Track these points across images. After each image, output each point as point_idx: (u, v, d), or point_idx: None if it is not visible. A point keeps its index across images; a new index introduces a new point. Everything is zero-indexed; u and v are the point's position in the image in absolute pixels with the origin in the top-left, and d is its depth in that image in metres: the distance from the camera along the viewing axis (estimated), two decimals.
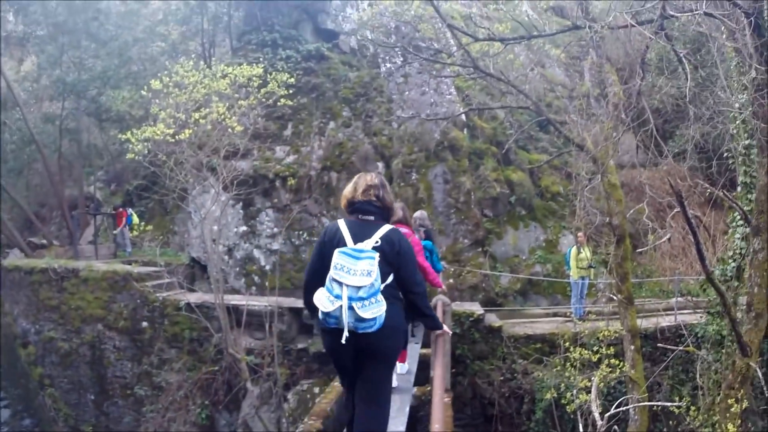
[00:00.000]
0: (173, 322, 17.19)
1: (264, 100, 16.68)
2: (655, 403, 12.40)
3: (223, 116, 15.12)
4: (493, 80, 19.97)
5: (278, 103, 17.14)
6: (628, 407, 11.02)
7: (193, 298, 17.46)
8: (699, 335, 13.80)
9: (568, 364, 11.78)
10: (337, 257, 4.60)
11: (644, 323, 14.78)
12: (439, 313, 7.28)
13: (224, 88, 15.57)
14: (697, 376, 12.37)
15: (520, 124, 21.20)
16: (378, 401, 4.97)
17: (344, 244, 4.77)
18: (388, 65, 20.30)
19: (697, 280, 19.14)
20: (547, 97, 23.64)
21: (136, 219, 22.49)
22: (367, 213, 5.07)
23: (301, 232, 18.78)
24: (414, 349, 8.85)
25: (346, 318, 4.45)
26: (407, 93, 19.56)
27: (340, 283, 4.51)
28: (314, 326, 15.71)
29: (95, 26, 23.08)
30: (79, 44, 23.65)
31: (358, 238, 4.81)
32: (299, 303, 16.38)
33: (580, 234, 15.97)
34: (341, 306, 4.46)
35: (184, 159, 15.33)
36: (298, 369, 15.88)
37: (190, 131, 14.77)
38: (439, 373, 5.40)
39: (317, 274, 4.87)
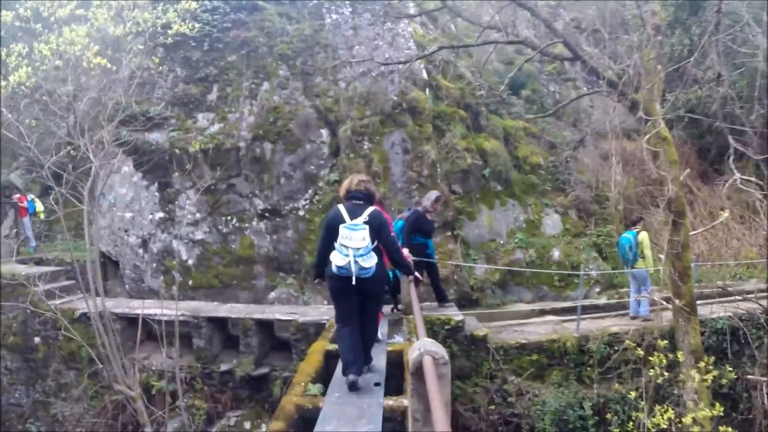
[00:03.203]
0: (69, 338, 12.40)
1: (159, 30, 11.73)
2: None
3: (80, 48, 10.17)
4: (460, 32, 15.65)
5: (169, 31, 12.27)
6: None
7: (93, 305, 12.69)
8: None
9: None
10: (342, 230, 6.13)
11: None
12: (430, 378, 3.34)
13: (103, 21, 10.64)
14: None
15: (490, 86, 16.79)
16: (374, 322, 6.86)
17: (344, 221, 6.22)
18: (334, 16, 15.65)
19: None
20: (516, 59, 19.28)
21: (39, 206, 17.25)
22: (358, 199, 6.50)
23: (229, 218, 14.14)
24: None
25: (353, 268, 6.02)
26: (357, 48, 14.98)
27: (347, 246, 6.06)
28: (240, 342, 11.17)
29: None
30: None
31: (353, 216, 6.29)
32: (222, 311, 11.82)
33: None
34: (349, 261, 6.02)
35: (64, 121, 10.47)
36: (224, 397, 11.34)
37: (24, 71, 9.83)
38: None
39: (328, 243, 6.32)
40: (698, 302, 12.55)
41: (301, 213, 13.78)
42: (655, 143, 7.66)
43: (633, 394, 7.45)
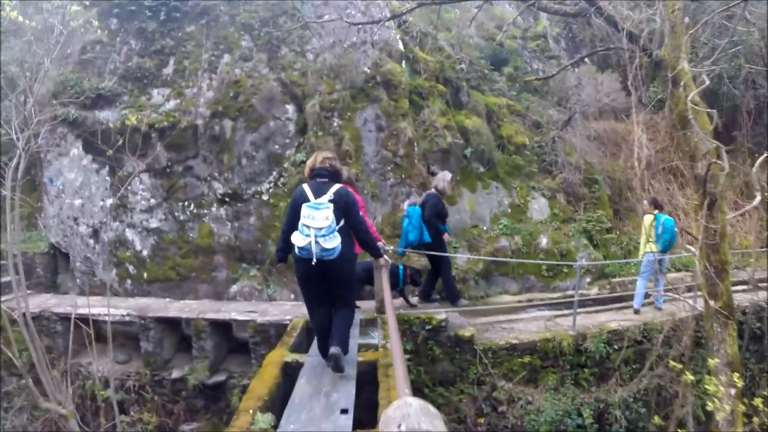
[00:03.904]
0: (8, 341, 10.65)
1: None
2: None
3: None
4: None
5: None
6: None
7: (33, 304, 11.04)
8: None
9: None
10: (304, 210, 5.70)
11: None
12: None
13: None
14: None
15: (471, 60, 15.22)
16: (348, 306, 6.28)
17: (308, 200, 5.79)
18: None
19: None
20: (498, 34, 17.76)
21: None
22: (323, 176, 6.06)
23: (186, 204, 12.49)
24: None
25: (314, 248, 5.57)
26: (327, 17, 13.26)
27: (308, 227, 5.62)
28: (193, 346, 9.59)
29: None
30: None
31: (317, 194, 5.85)
32: (173, 309, 10.18)
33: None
34: (310, 241, 5.57)
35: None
36: (176, 408, 9.71)
37: None
38: None
39: (292, 224, 5.83)
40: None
41: (265, 197, 12.15)
42: (683, 111, 6.13)
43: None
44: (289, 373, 6.36)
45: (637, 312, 10.61)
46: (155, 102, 12.97)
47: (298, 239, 5.67)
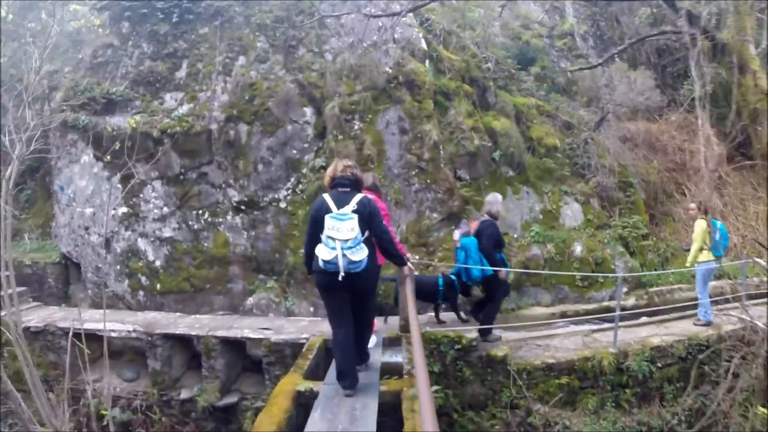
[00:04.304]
0: (14, 355, 10.04)
1: None
2: None
3: None
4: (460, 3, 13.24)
5: None
6: None
7: (38, 317, 10.45)
8: None
9: None
10: (328, 221, 5.39)
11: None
12: None
13: None
14: None
15: (497, 59, 14.39)
16: (368, 321, 6.32)
17: (330, 211, 5.48)
18: None
19: None
20: (524, 33, 16.95)
21: None
22: (344, 186, 5.76)
23: (201, 212, 11.82)
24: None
25: (341, 262, 5.29)
26: (346, 17, 12.54)
27: (334, 239, 5.32)
28: (203, 365, 8.86)
29: None
30: None
31: (340, 205, 5.55)
32: (182, 325, 9.46)
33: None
34: (337, 254, 5.29)
35: None
36: (185, 430, 8.97)
37: None
38: None
39: (315, 236, 5.58)
40: (750, 303, 10.40)
41: (282, 205, 11.42)
42: (756, 100, 5.27)
43: None
44: (303, 402, 5.62)
45: (709, 324, 9.77)
46: (168, 107, 12.35)
47: (323, 252, 5.40)
